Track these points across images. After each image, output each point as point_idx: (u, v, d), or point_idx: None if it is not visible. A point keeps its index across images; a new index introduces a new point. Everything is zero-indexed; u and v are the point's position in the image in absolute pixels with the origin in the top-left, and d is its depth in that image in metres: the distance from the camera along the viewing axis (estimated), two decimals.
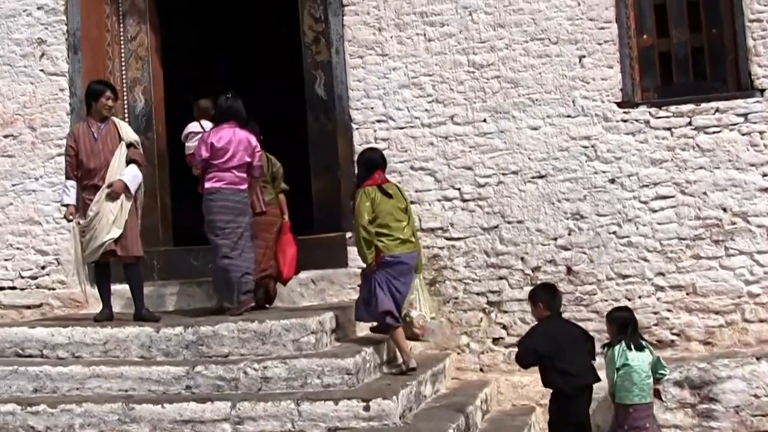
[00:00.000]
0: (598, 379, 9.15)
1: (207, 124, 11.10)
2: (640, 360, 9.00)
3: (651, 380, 9.05)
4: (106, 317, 10.41)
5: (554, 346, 8.97)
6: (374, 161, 10.14)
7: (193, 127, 11.44)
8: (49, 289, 12.26)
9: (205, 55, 15.84)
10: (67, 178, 10.62)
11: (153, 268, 12.18)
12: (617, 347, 9.07)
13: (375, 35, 11.48)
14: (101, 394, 9.26)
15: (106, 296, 10.61)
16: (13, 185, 12.41)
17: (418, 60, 11.36)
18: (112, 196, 10.29)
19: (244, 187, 10.37)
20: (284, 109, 12.18)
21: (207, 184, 10.33)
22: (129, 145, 10.51)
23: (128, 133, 10.60)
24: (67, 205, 10.60)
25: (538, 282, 10.75)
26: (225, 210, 10.24)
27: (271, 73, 15.67)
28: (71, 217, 10.49)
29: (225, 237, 10.25)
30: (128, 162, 10.47)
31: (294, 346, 9.36)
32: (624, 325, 9.21)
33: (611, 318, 9.42)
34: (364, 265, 9.92)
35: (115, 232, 10.29)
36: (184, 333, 9.63)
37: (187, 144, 11.35)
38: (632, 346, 9.05)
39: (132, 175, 10.41)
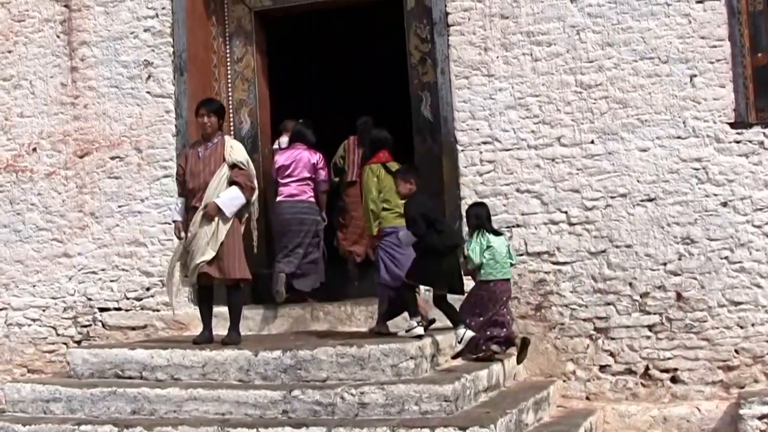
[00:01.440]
0: (463, 242, 10.54)
1: (283, 140, 12.50)
2: (499, 243, 10.33)
3: (509, 261, 10.40)
4: (204, 339, 10.41)
5: (431, 213, 9.96)
6: (379, 140, 11.20)
7: (275, 144, 12.68)
8: (154, 310, 12.35)
9: (309, 77, 15.97)
10: (179, 195, 10.80)
11: (258, 291, 12.23)
12: (482, 234, 10.29)
13: (481, 55, 11.31)
14: (198, 418, 9.19)
15: (206, 319, 10.63)
16: (119, 206, 12.54)
17: (525, 80, 11.16)
18: (205, 218, 10.32)
19: (306, 197, 11.98)
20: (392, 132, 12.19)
21: (276, 199, 12.06)
22: (233, 166, 10.46)
23: (234, 153, 10.53)
24: (174, 222, 10.76)
25: (646, 307, 10.62)
26: (285, 221, 11.89)
27: (377, 95, 15.72)
28: (179, 233, 10.64)
29: (282, 244, 11.86)
30: (231, 184, 10.44)
31: (393, 371, 9.19)
32: (479, 217, 10.42)
33: (469, 214, 10.58)
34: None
35: (209, 254, 10.32)
36: (282, 357, 9.54)
37: None
38: (492, 232, 10.37)
39: (228, 198, 10.37)
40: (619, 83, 10.88)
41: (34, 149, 12.94)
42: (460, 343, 9.88)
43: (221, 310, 10.93)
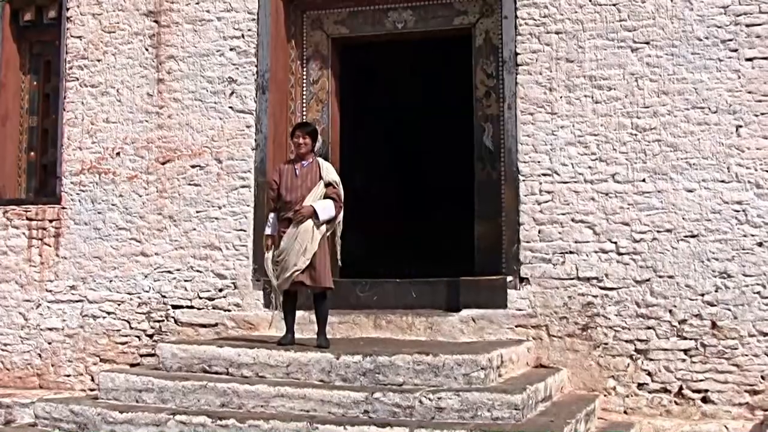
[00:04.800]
0: None
1: None
2: None
3: None
4: (288, 342, 11.05)
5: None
6: None
7: None
8: (225, 310, 12.91)
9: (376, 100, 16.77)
10: (270, 210, 11.47)
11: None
12: None
13: (546, 94, 11.96)
14: (285, 413, 9.75)
15: (290, 323, 11.27)
16: (198, 212, 13.14)
17: (585, 120, 11.81)
18: (298, 219, 10.99)
19: None
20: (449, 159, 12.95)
21: None
22: (328, 185, 11.17)
23: (329, 173, 11.25)
24: (267, 236, 11.37)
25: (683, 332, 11.31)
26: None
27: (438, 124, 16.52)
28: (267, 248, 11.28)
29: None
30: (325, 198, 11.14)
31: (464, 379, 9.82)
32: None
33: None
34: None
35: (303, 263, 10.94)
36: (362, 361, 10.17)
37: None
38: None
39: (323, 206, 11.06)
40: (672, 128, 11.51)
41: (118, 153, 13.52)
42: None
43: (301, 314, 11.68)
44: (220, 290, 13.03)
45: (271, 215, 11.41)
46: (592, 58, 11.93)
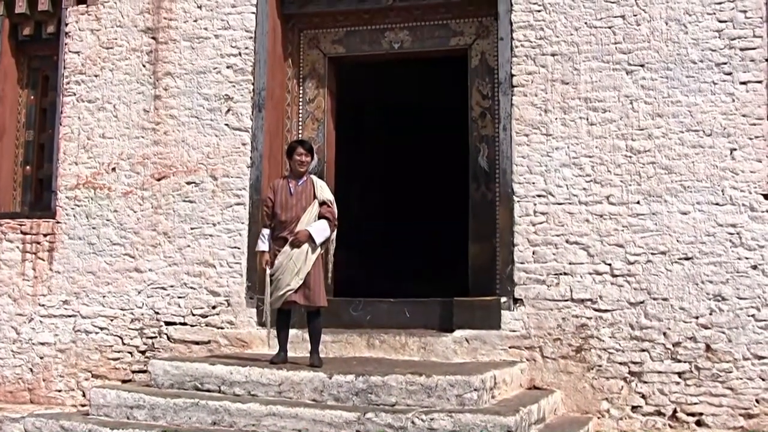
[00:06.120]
0: None
1: None
2: None
3: None
4: (281, 360, 11.02)
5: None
6: None
7: None
8: (218, 327, 12.93)
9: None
10: (264, 226, 11.41)
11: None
12: None
13: (541, 116, 12.02)
14: None
15: (283, 340, 11.25)
16: (192, 228, 13.16)
17: (580, 142, 11.87)
18: (295, 244, 10.97)
19: None
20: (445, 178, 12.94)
21: None
22: (322, 203, 11.17)
23: (323, 191, 11.25)
24: (261, 252, 11.31)
25: (677, 355, 11.32)
26: None
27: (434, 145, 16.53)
28: (265, 265, 11.22)
29: None
30: (319, 218, 11.13)
31: (457, 400, 9.78)
32: None
33: None
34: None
35: (296, 283, 10.94)
36: (355, 381, 10.12)
37: None
38: None
39: (318, 229, 11.06)
40: (666, 151, 11.58)
41: (114, 169, 13.56)
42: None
43: (294, 332, 11.70)
44: (214, 307, 13.04)
45: (266, 231, 11.36)
46: (587, 80, 12.00)
